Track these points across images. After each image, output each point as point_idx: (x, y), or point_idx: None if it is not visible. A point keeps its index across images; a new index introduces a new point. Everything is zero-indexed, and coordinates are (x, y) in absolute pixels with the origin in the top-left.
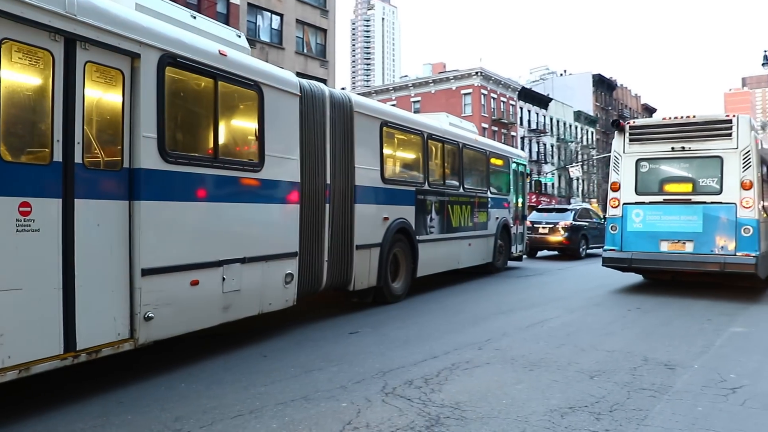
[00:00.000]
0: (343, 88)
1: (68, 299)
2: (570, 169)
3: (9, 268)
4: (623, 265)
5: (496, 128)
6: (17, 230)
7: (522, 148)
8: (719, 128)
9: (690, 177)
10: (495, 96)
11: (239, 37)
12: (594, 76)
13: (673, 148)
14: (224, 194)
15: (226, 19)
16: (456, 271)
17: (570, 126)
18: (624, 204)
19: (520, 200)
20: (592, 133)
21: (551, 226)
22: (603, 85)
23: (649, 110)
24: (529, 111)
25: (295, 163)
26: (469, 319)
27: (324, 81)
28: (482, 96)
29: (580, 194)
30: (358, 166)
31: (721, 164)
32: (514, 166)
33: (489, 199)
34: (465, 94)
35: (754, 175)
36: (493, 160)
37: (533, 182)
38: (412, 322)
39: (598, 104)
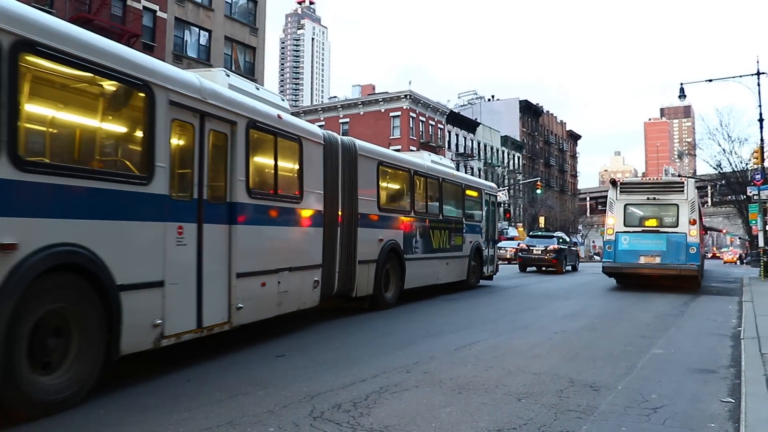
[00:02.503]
0: None
1: (199, 292)
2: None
3: (173, 269)
4: (616, 271)
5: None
6: (176, 244)
7: None
8: (676, 186)
9: (658, 216)
10: (423, 119)
11: (283, 101)
12: (521, 102)
13: (648, 197)
14: (280, 220)
15: (153, 33)
16: (434, 286)
17: (497, 150)
18: (617, 232)
19: (491, 226)
20: (519, 158)
21: (543, 248)
22: (529, 111)
23: (574, 137)
24: (457, 135)
25: (320, 195)
26: (397, 342)
27: None
28: (411, 119)
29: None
30: (361, 198)
31: (677, 209)
32: (486, 197)
33: (464, 225)
34: (394, 117)
35: (697, 216)
36: (468, 192)
37: (504, 210)
38: (339, 344)
39: (524, 130)
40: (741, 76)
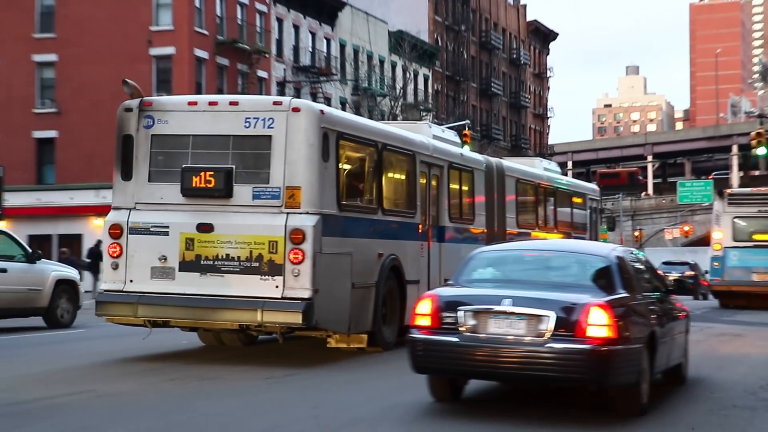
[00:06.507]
0: None
1: (428, 288)
2: None
3: (420, 273)
4: (725, 289)
5: (226, 61)
6: (420, 256)
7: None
8: None
9: None
10: None
11: (456, 136)
12: None
13: (759, 210)
14: (461, 238)
15: None
16: None
17: (382, 62)
18: (725, 248)
19: (594, 238)
20: (428, 78)
21: (678, 275)
22: None
23: (542, 35)
24: (297, 28)
25: (482, 216)
26: None
27: None
28: None
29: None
30: (508, 216)
31: None
32: (590, 202)
33: (572, 239)
34: None
35: None
36: (574, 199)
37: (607, 218)
38: None
39: (438, 18)
40: None
